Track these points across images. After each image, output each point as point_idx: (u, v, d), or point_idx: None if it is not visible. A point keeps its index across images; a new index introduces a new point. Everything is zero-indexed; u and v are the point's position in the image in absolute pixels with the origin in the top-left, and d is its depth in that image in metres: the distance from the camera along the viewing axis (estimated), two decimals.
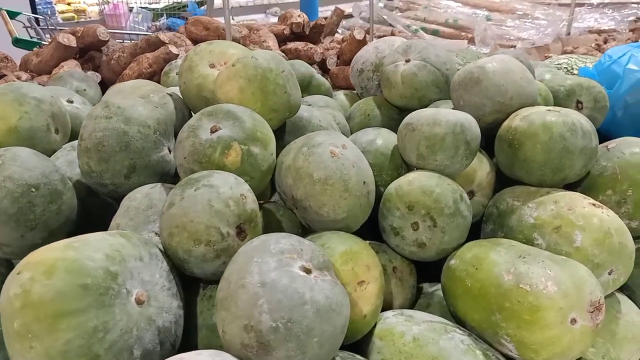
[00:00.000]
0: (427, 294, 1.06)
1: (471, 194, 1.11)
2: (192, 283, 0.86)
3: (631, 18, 3.27)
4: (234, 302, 0.68)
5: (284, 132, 1.14)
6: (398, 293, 0.99)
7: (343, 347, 0.84)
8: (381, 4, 3.77)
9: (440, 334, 0.84)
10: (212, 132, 0.92)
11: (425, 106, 1.31)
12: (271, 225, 0.97)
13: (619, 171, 1.05)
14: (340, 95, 1.63)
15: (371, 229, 1.06)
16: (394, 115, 1.37)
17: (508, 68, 1.12)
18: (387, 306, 0.97)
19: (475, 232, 1.13)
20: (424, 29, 3.05)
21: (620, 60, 1.53)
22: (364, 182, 0.93)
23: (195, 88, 1.17)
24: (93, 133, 0.96)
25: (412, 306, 1.03)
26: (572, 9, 2.89)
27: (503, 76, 1.11)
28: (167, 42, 1.99)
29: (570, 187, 1.10)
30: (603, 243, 0.91)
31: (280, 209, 1.01)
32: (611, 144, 1.11)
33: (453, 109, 1.19)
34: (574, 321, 0.79)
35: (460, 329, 0.87)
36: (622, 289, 1.05)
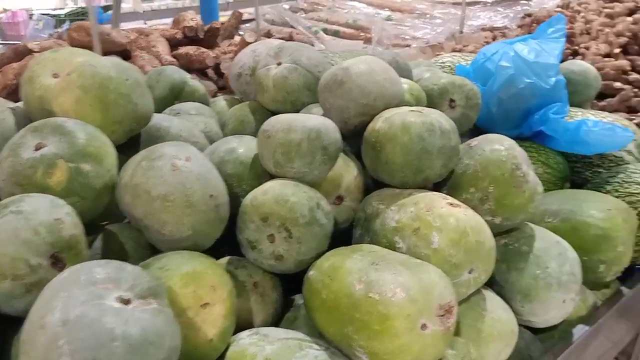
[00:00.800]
0: (296, 306, 1.02)
1: (340, 199, 1.08)
2: (13, 321, 0.76)
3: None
4: (32, 345, 0.60)
5: (138, 145, 1.06)
6: (259, 310, 0.94)
7: None
8: (286, 6, 3.74)
9: (294, 352, 0.80)
10: (36, 149, 0.83)
11: (298, 110, 1.27)
12: (111, 249, 0.89)
13: (480, 168, 1.04)
14: (221, 101, 1.56)
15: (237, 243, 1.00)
16: None
17: (371, 69, 1.10)
18: (247, 325, 0.92)
19: (348, 238, 1.10)
20: (325, 30, 3.05)
21: (493, 58, 1.56)
22: (211, 195, 0.87)
23: (36, 101, 1.06)
24: None
25: (277, 321, 0.98)
26: (464, 7, 2.99)
27: (367, 77, 1.08)
28: (36, 50, 1.84)
29: (437, 186, 1.09)
30: (459, 243, 0.90)
31: (125, 230, 0.93)
32: (473, 141, 1.11)
33: (324, 113, 1.16)
34: (424, 327, 0.77)
35: (317, 344, 0.83)
36: (491, 285, 1.05)
